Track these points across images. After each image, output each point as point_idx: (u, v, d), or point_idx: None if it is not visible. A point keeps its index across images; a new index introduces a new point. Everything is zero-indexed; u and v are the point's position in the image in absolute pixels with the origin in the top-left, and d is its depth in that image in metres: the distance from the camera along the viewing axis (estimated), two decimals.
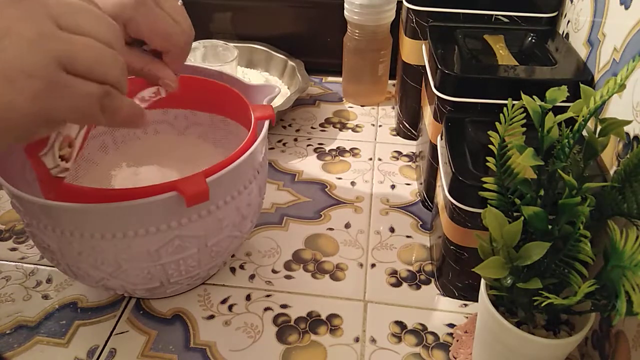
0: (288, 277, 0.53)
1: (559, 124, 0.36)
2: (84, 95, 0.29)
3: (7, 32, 0.26)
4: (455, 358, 0.46)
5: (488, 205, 0.38)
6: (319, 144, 0.73)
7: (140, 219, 0.39)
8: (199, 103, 0.56)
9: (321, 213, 0.61)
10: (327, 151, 0.72)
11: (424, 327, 0.48)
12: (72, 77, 0.28)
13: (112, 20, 0.31)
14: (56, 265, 0.45)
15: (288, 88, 0.82)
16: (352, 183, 0.66)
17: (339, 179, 0.67)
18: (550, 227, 0.35)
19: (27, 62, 0.27)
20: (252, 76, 0.84)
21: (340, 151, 0.72)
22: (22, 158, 0.40)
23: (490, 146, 0.38)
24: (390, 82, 0.84)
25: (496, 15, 0.63)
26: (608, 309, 0.33)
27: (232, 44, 0.77)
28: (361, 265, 0.55)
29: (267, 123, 0.48)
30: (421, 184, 0.63)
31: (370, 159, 0.70)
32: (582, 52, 0.54)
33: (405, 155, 0.71)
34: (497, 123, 0.38)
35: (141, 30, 0.38)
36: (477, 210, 0.44)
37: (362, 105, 0.82)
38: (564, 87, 0.37)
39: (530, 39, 0.60)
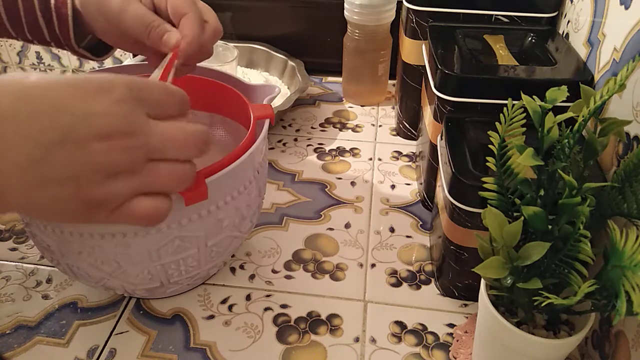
0: (288, 277, 0.53)
1: (559, 124, 0.36)
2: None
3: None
4: (455, 358, 0.46)
5: (488, 205, 0.38)
6: (319, 144, 0.73)
7: None
8: (199, 103, 0.56)
9: (321, 213, 0.61)
10: (327, 151, 0.72)
11: (424, 327, 0.48)
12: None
13: (194, 132, 0.32)
14: (56, 265, 0.45)
15: (288, 88, 0.82)
16: (352, 183, 0.66)
17: (339, 179, 0.67)
18: (550, 227, 0.35)
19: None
20: (252, 76, 0.84)
21: (340, 151, 0.72)
22: None
23: (490, 146, 0.38)
24: (390, 82, 0.84)
25: (496, 15, 0.63)
26: (608, 309, 0.33)
27: (232, 44, 0.77)
28: (361, 265, 0.55)
29: (267, 123, 0.47)
30: (421, 184, 0.63)
31: (370, 159, 0.70)
32: (582, 52, 0.54)
33: (405, 155, 0.71)
34: (497, 123, 0.38)
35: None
36: (477, 210, 0.44)
37: (362, 105, 0.82)
38: (564, 87, 0.37)
39: (530, 39, 0.60)
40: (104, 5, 0.43)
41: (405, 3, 0.66)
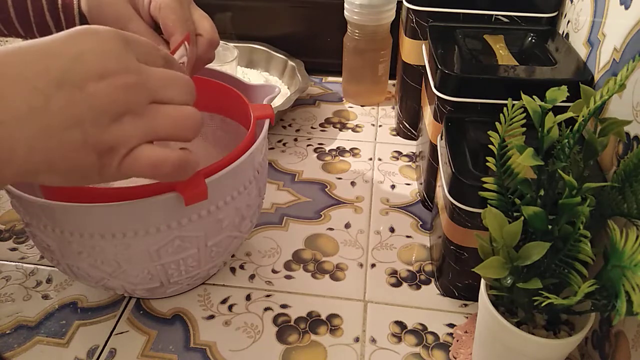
0: (288, 277, 0.53)
1: (559, 124, 0.36)
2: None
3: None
4: (455, 358, 0.46)
5: (488, 205, 0.38)
6: (319, 144, 0.73)
7: (140, 219, 0.39)
8: (198, 102, 0.56)
9: (321, 213, 0.61)
10: (327, 151, 0.72)
11: (424, 327, 0.48)
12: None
13: (190, 81, 0.34)
14: (56, 265, 0.45)
15: (288, 88, 0.82)
16: (352, 183, 0.66)
17: (339, 179, 0.67)
18: (550, 227, 0.35)
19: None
20: (252, 76, 0.84)
21: (340, 151, 0.72)
22: None
23: (490, 146, 0.38)
24: (390, 82, 0.84)
25: (496, 15, 0.63)
26: (608, 309, 0.33)
27: (232, 44, 0.77)
28: (361, 265, 0.55)
29: (267, 123, 0.48)
30: (421, 184, 0.63)
31: (370, 159, 0.70)
32: (582, 52, 0.54)
33: (405, 155, 0.71)
34: (497, 123, 0.38)
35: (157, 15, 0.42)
36: (477, 210, 0.44)
37: (362, 105, 0.82)
38: (564, 87, 0.37)
39: (530, 39, 0.60)
40: (103, 21, 0.43)
41: (405, 3, 0.66)
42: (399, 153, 0.72)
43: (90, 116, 0.28)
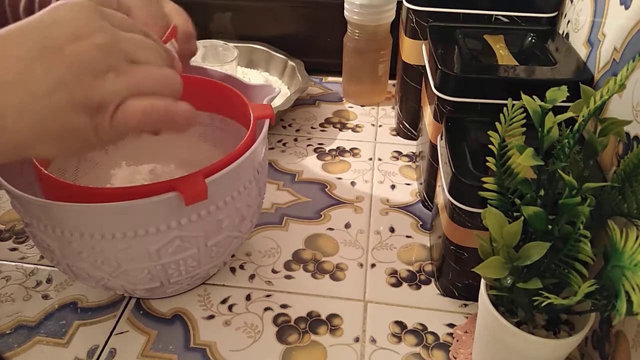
0: (288, 277, 0.53)
1: (559, 124, 0.36)
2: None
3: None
4: (455, 358, 0.46)
5: (488, 205, 0.38)
6: (319, 144, 0.73)
7: (140, 219, 0.39)
8: (198, 103, 0.56)
9: (321, 213, 0.61)
10: (327, 151, 0.72)
11: (424, 327, 0.48)
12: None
13: (167, 49, 0.36)
14: (56, 265, 0.45)
15: (288, 88, 0.82)
16: (352, 183, 0.66)
17: (339, 179, 0.67)
18: (550, 227, 0.35)
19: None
20: (252, 76, 0.84)
21: (340, 151, 0.72)
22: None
23: (490, 146, 0.38)
24: (390, 82, 0.84)
25: (496, 15, 0.63)
26: (608, 309, 0.33)
27: (232, 44, 0.77)
28: (361, 265, 0.55)
29: (267, 123, 0.47)
30: (421, 184, 0.63)
31: (370, 159, 0.70)
32: (582, 52, 0.54)
33: (405, 155, 0.71)
34: (497, 123, 0.38)
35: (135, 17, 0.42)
36: (477, 210, 0.44)
37: (362, 105, 0.82)
38: (564, 87, 0.37)
39: (530, 39, 0.60)
40: None
41: (405, 3, 0.66)
42: (399, 153, 0.72)
43: (73, 76, 0.29)
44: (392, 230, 0.59)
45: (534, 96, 0.37)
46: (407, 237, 0.58)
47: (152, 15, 0.43)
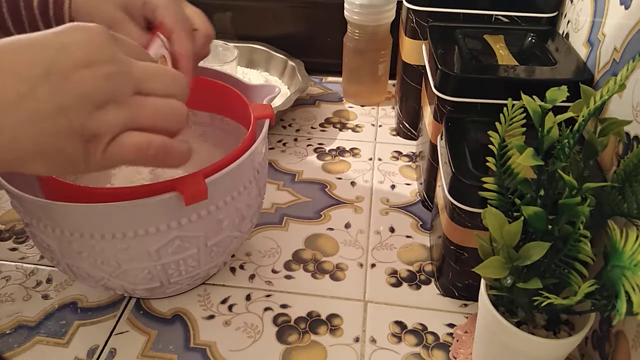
0: (288, 277, 0.53)
1: (559, 124, 0.36)
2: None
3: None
4: (455, 358, 0.46)
5: (488, 205, 0.38)
6: (319, 144, 0.73)
7: (140, 219, 0.39)
8: (198, 102, 0.56)
9: (321, 213, 0.61)
10: (327, 151, 0.72)
11: (424, 327, 0.48)
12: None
13: (178, 75, 0.35)
14: (56, 265, 0.45)
15: (288, 88, 0.82)
16: (352, 183, 0.66)
17: (339, 179, 0.67)
18: (550, 227, 0.35)
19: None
20: (252, 76, 0.84)
21: (340, 151, 0.72)
22: None
23: (490, 146, 0.38)
24: (390, 82, 0.84)
25: (496, 15, 0.63)
26: (608, 309, 0.33)
27: (232, 44, 0.77)
28: (361, 265, 0.55)
29: (267, 123, 0.47)
30: (421, 184, 0.63)
31: (370, 159, 0.70)
32: (582, 52, 0.54)
33: (405, 155, 0.71)
34: (497, 123, 0.38)
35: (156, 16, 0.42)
36: (477, 210, 0.44)
37: (362, 105, 0.82)
38: (564, 87, 0.37)
39: (530, 39, 0.60)
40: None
41: (405, 3, 0.66)
42: (399, 153, 0.72)
43: (75, 104, 0.29)
44: (392, 230, 0.59)
45: (534, 96, 0.37)
46: (407, 237, 0.58)
47: (177, 15, 0.42)
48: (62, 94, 0.28)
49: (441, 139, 0.52)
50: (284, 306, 0.50)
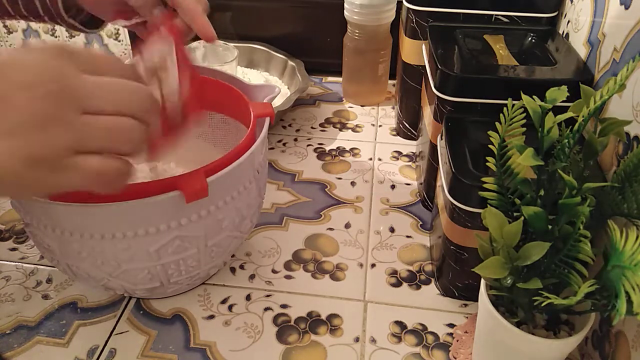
0: (288, 277, 0.53)
1: (559, 124, 0.36)
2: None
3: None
4: (455, 358, 0.46)
5: (488, 205, 0.38)
6: (319, 144, 0.73)
7: (140, 219, 0.39)
8: (199, 101, 0.56)
9: (321, 213, 0.61)
10: (327, 151, 0.72)
11: (424, 327, 0.48)
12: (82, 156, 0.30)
13: (138, 89, 0.32)
14: (56, 265, 0.45)
15: (288, 88, 0.82)
16: (352, 183, 0.66)
17: (339, 179, 0.67)
18: (550, 227, 0.35)
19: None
20: (252, 76, 0.84)
21: (340, 151, 0.72)
22: None
23: (490, 146, 0.38)
24: (390, 82, 0.84)
25: (496, 15, 0.63)
26: (608, 309, 0.33)
27: (232, 44, 0.77)
28: (361, 265, 0.55)
29: (267, 122, 0.47)
30: (421, 184, 0.63)
31: (370, 159, 0.70)
32: (582, 52, 0.54)
33: (405, 155, 0.71)
34: (497, 123, 0.38)
35: None
36: (477, 210, 0.44)
37: (362, 105, 0.82)
38: (564, 87, 0.37)
39: (530, 39, 0.60)
40: None
41: (405, 3, 0.66)
42: (399, 153, 0.72)
43: (14, 127, 0.28)
44: (392, 230, 0.59)
45: (534, 96, 0.37)
46: (407, 237, 0.58)
47: None
48: (6, 118, 0.27)
49: (441, 139, 0.52)
50: (284, 306, 0.50)
